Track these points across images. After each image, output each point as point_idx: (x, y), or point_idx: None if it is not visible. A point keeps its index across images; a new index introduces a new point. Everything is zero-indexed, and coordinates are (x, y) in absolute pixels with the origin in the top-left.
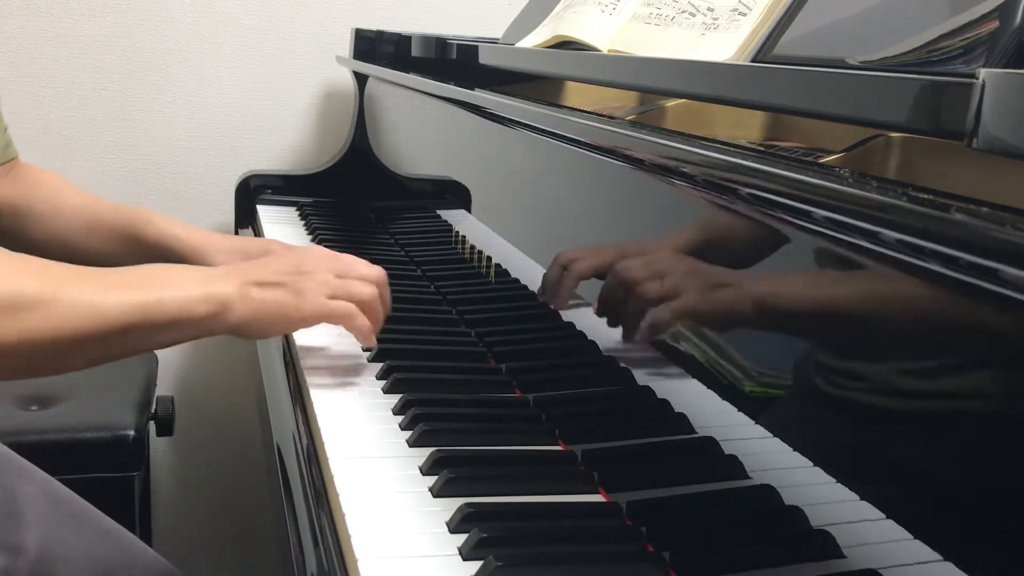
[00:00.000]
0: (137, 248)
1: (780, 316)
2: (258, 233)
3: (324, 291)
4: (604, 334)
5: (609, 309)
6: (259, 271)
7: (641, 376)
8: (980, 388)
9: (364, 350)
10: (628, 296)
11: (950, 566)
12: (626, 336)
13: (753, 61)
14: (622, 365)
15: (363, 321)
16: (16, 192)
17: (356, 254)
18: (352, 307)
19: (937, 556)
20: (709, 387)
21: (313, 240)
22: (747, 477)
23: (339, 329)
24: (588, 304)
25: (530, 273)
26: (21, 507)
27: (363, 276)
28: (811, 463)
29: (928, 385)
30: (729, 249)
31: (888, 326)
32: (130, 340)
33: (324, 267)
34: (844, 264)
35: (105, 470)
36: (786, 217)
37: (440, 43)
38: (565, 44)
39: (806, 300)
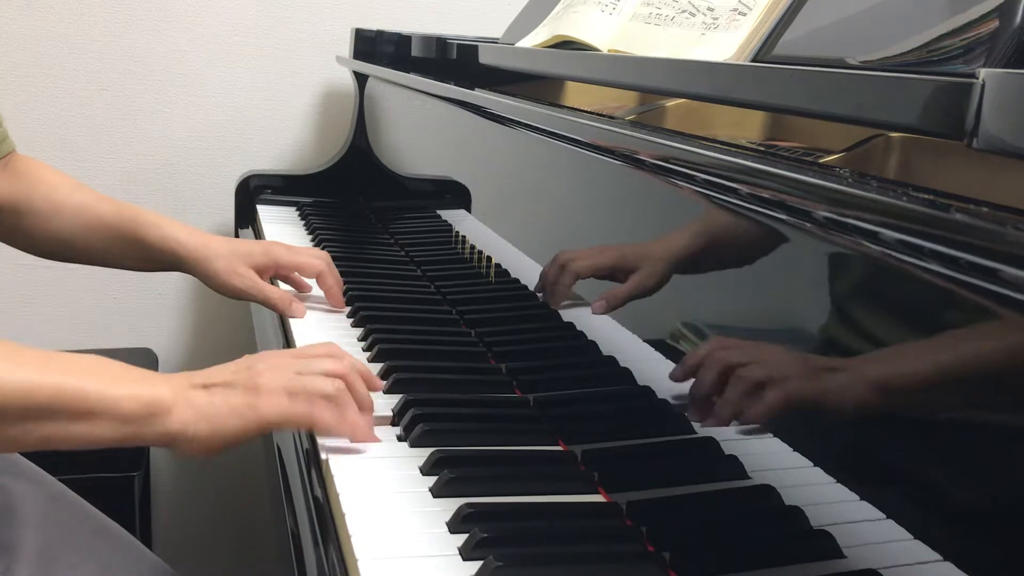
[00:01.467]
0: (138, 250)
1: (779, 316)
2: (258, 233)
3: (282, 387)
4: (604, 334)
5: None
6: (205, 373)
7: (641, 376)
8: (980, 388)
9: (360, 339)
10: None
11: (950, 566)
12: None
13: (753, 61)
14: (622, 365)
15: (328, 417)
16: (14, 189)
17: (356, 254)
18: (315, 403)
19: (937, 556)
20: None
21: (313, 240)
22: (747, 477)
23: (339, 332)
24: (587, 304)
25: (530, 273)
26: (19, 507)
27: (326, 371)
28: (811, 463)
29: (927, 385)
30: (729, 249)
31: (888, 326)
32: (37, 428)
33: (279, 363)
34: (844, 264)
35: (105, 470)
36: (786, 217)
37: (440, 43)
38: (565, 44)
39: (805, 300)
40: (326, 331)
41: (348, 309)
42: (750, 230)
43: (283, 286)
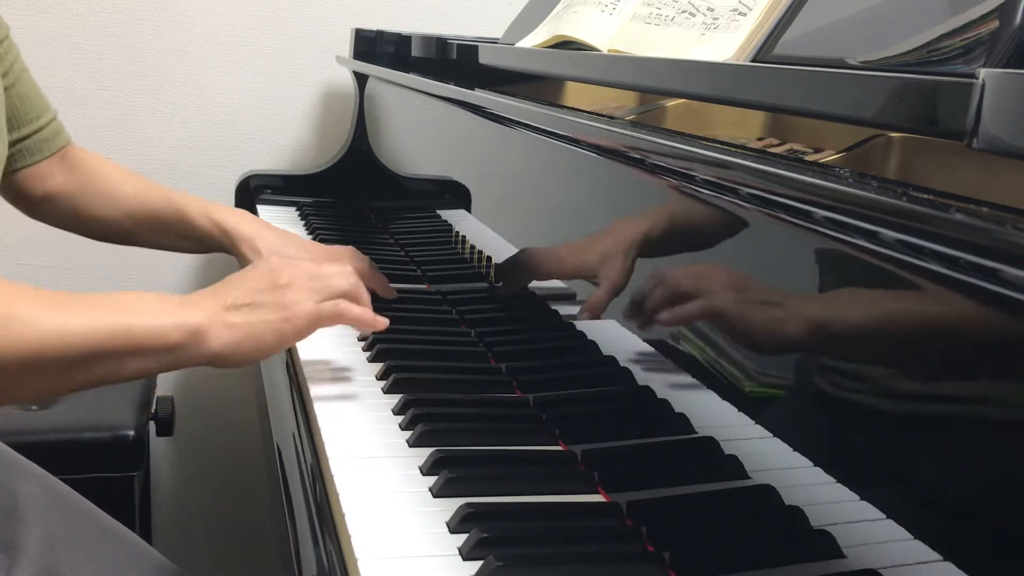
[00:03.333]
0: (187, 236)
1: (779, 316)
2: None
3: (309, 297)
4: (604, 334)
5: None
6: (233, 293)
7: (641, 376)
8: (980, 388)
9: (360, 339)
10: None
11: (950, 566)
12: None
13: (753, 61)
14: (622, 365)
15: (358, 311)
16: (71, 179)
17: None
18: (341, 303)
19: (937, 556)
20: (709, 387)
21: (313, 240)
22: (747, 477)
23: (338, 329)
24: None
25: None
26: (21, 506)
27: (338, 271)
28: (811, 463)
29: (928, 385)
30: (729, 249)
31: (888, 326)
32: (96, 367)
33: (296, 275)
34: (844, 264)
35: (105, 470)
36: (786, 217)
37: (440, 43)
38: (565, 44)
39: (805, 300)
40: (326, 329)
41: None
42: (749, 230)
43: None
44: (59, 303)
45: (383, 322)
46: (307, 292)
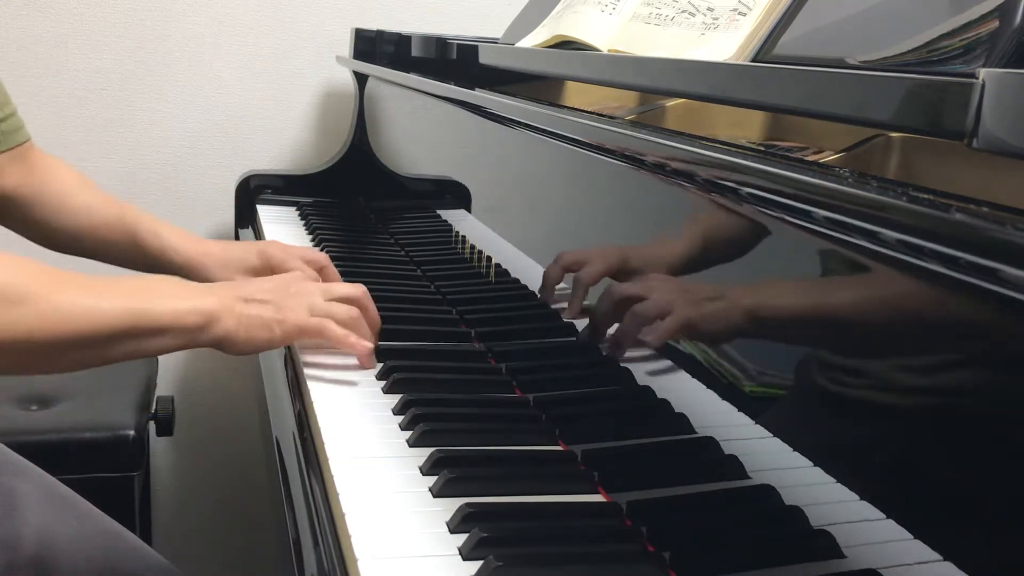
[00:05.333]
0: (136, 255)
1: (779, 316)
2: (258, 233)
3: (306, 309)
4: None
5: (608, 313)
6: (247, 287)
7: (641, 376)
8: (980, 388)
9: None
10: (627, 300)
11: (950, 566)
12: (622, 339)
13: (753, 61)
14: (622, 365)
15: (339, 331)
16: (27, 180)
17: (356, 254)
18: (329, 322)
19: (937, 556)
20: (709, 387)
21: (313, 240)
22: (747, 477)
23: None
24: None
25: (530, 273)
26: (19, 504)
27: (346, 296)
28: (811, 463)
29: (928, 385)
30: (728, 249)
31: (888, 326)
32: (121, 346)
33: (307, 288)
34: (844, 264)
35: (105, 470)
36: (786, 217)
37: (440, 43)
38: (565, 44)
39: (805, 300)
40: None
41: None
42: (749, 231)
43: None
44: (92, 287)
45: (364, 347)
46: (306, 305)
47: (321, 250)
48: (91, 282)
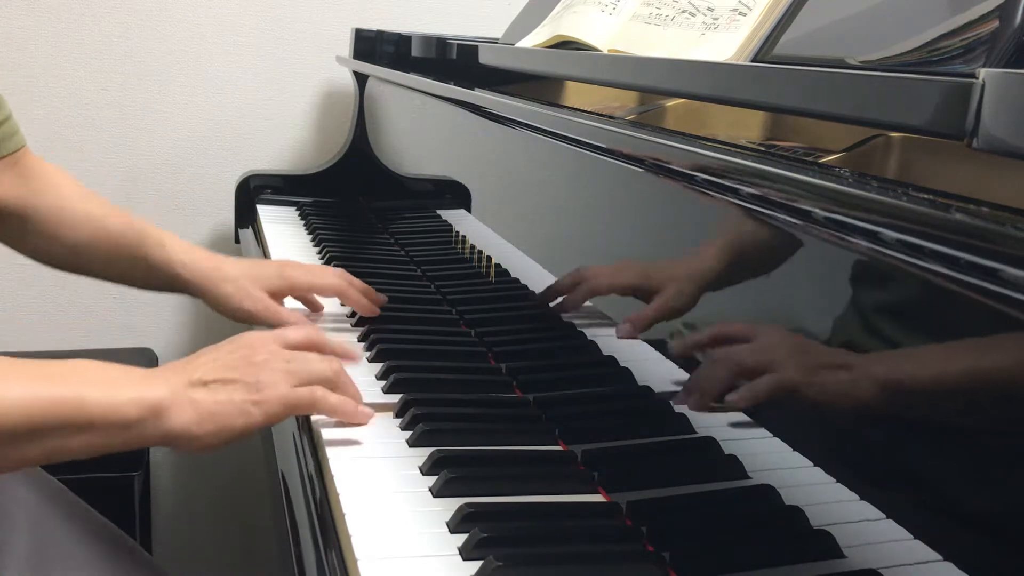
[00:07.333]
0: (141, 268)
1: (779, 316)
2: (258, 233)
3: (285, 380)
4: (604, 335)
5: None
6: (203, 368)
7: (641, 376)
8: (980, 388)
9: (360, 339)
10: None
11: (950, 566)
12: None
13: (753, 61)
14: (622, 365)
15: (334, 400)
16: (22, 191)
17: (356, 254)
18: (318, 390)
19: (937, 556)
20: None
21: (313, 240)
22: (747, 477)
23: (337, 329)
24: (588, 305)
25: (530, 273)
26: (12, 508)
27: (304, 341)
28: (811, 463)
29: (928, 385)
30: (728, 249)
31: (888, 326)
32: (37, 444)
33: (275, 352)
34: (844, 264)
35: (104, 470)
36: (786, 217)
37: (440, 43)
38: (565, 44)
39: (805, 299)
40: (326, 330)
41: (349, 309)
42: (749, 230)
43: (293, 304)
44: (1, 372)
45: (366, 414)
46: (283, 374)
47: (321, 250)
48: (3, 364)
